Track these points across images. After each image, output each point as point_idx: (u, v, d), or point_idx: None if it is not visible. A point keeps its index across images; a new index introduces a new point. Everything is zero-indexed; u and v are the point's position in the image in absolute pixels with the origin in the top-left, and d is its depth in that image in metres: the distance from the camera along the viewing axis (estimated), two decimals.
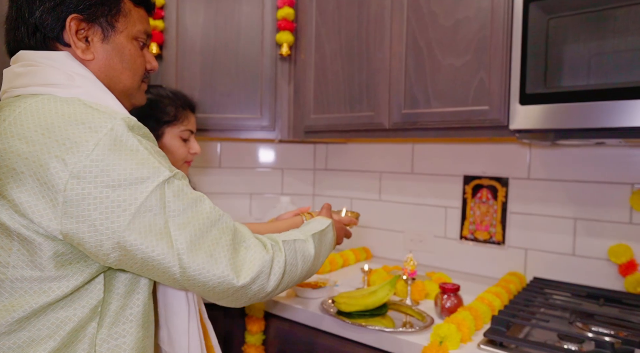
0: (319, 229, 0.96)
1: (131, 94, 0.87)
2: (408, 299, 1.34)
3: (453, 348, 1.04)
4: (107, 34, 0.80)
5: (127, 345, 0.74)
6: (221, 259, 0.71)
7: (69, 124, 0.66)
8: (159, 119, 1.24)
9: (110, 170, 0.65)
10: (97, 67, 0.79)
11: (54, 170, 0.63)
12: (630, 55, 1.04)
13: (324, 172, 2.15)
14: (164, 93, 1.27)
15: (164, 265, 0.68)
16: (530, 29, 1.16)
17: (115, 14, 0.80)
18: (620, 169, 1.41)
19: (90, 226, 0.64)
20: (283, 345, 1.39)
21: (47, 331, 0.67)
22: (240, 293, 0.74)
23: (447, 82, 1.37)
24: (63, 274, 0.68)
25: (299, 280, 0.88)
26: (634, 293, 1.35)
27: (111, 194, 0.65)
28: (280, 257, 0.80)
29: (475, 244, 1.69)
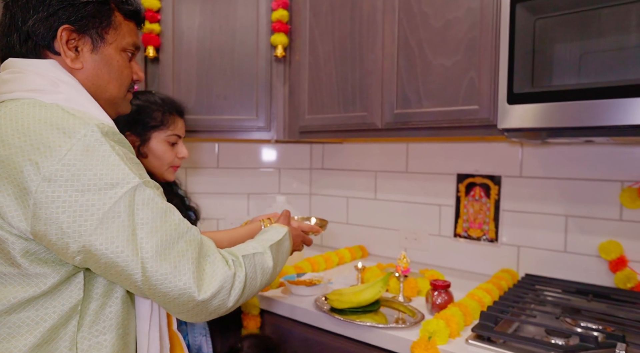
0: (276, 239, 0.96)
1: (117, 103, 0.89)
2: (400, 296, 1.36)
3: (441, 344, 1.06)
4: (97, 45, 0.83)
5: (108, 342, 0.76)
6: (185, 271, 0.71)
7: (44, 129, 0.68)
8: (146, 124, 1.27)
9: (81, 174, 0.67)
10: (85, 76, 0.82)
11: (27, 173, 0.66)
12: (616, 55, 1.06)
13: (321, 172, 2.17)
14: (152, 99, 1.30)
15: (127, 272, 0.69)
16: (517, 29, 1.18)
17: (105, 27, 0.83)
18: (610, 167, 1.42)
19: (57, 229, 0.66)
20: (278, 342, 1.41)
21: (26, 327, 0.70)
22: (201, 308, 0.75)
23: (438, 82, 1.39)
24: (40, 272, 0.70)
25: (257, 292, 0.89)
26: (623, 289, 1.37)
27: (80, 198, 0.66)
28: (241, 272, 0.80)
29: (469, 242, 1.71)
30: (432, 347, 1.05)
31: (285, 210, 1.15)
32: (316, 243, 2.18)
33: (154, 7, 1.71)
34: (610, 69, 1.06)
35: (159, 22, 1.73)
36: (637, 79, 1.02)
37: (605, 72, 1.07)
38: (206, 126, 1.76)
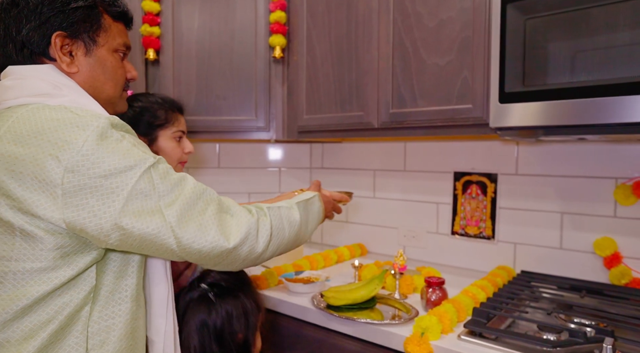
0: (304, 198, 1.04)
1: (114, 102, 0.93)
2: (396, 293, 1.38)
3: (434, 339, 1.08)
4: (90, 48, 0.87)
5: (117, 326, 0.80)
6: (210, 227, 0.78)
7: (58, 126, 0.72)
8: (152, 124, 1.29)
9: (100, 162, 0.71)
10: (82, 79, 0.86)
11: (50, 167, 0.70)
12: (606, 53, 1.07)
13: (320, 171, 2.19)
14: (152, 99, 1.33)
15: (160, 239, 0.75)
16: (508, 29, 1.19)
17: (96, 30, 0.87)
18: (604, 164, 1.43)
19: (89, 212, 0.71)
20: (277, 338, 1.44)
21: (47, 316, 0.74)
22: (233, 255, 0.82)
23: (432, 82, 1.41)
24: (60, 264, 0.74)
25: (289, 245, 0.95)
26: (617, 285, 1.38)
27: (104, 182, 0.71)
28: (265, 220, 0.88)
29: (466, 239, 1.72)
30: (425, 343, 1.07)
31: (315, 180, 1.21)
32: (316, 241, 2.21)
33: (154, 11, 1.74)
34: (601, 67, 1.07)
35: (159, 25, 1.76)
36: (627, 77, 1.03)
37: (596, 71, 1.08)
38: (206, 127, 1.79)
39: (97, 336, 0.78)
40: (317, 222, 1.07)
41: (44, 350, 0.73)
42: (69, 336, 0.76)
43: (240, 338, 1.04)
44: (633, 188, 1.36)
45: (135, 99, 1.32)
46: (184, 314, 1.04)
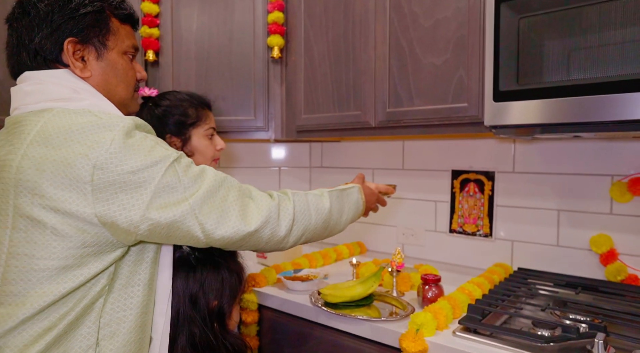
0: (339, 188, 1.07)
1: (127, 103, 0.96)
2: (394, 290, 1.39)
3: (429, 335, 1.09)
4: (101, 52, 0.89)
5: (127, 318, 0.83)
6: (231, 212, 0.83)
7: (86, 129, 0.76)
8: (184, 123, 1.28)
9: (127, 159, 0.75)
10: (95, 83, 0.89)
11: (80, 165, 0.73)
12: (600, 52, 1.08)
13: (320, 170, 2.21)
14: (181, 97, 1.31)
15: (186, 226, 0.79)
16: (502, 28, 1.20)
17: (105, 34, 0.89)
18: (600, 162, 1.44)
19: (119, 206, 0.74)
20: (275, 336, 1.46)
21: (66, 309, 0.77)
22: (255, 238, 0.86)
23: (428, 81, 1.42)
24: (85, 262, 0.77)
25: (317, 232, 0.98)
26: (612, 282, 1.39)
27: (132, 178, 0.75)
28: (288, 204, 0.92)
29: (464, 237, 1.73)
30: (420, 339, 1.08)
31: (359, 173, 1.23)
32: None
33: (153, 12, 1.75)
34: (594, 65, 1.08)
35: (158, 26, 1.78)
36: (621, 75, 1.04)
37: (590, 69, 1.09)
38: None
39: (108, 327, 0.81)
40: (354, 213, 1.10)
41: (59, 339, 0.76)
42: (82, 326, 0.79)
43: (214, 306, 1.03)
44: (629, 186, 1.37)
45: (162, 97, 1.31)
46: None
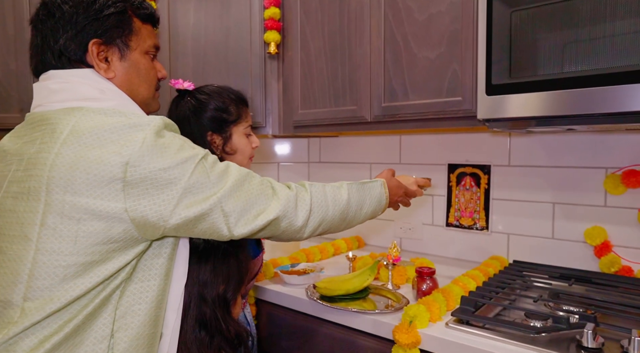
0: (361, 181, 1.08)
1: (148, 103, 0.97)
2: (389, 283, 1.41)
3: (422, 327, 1.11)
4: (124, 52, 0.90)
5: (141, 311, 0.84)
6: (254, 203, 0.86)
7: (118, 128, 0.77)
8: (226, 120, 1.24)
9: (158, 157, 0.77)
10: (119, 83, 0.90)
11: (113, 162, 0.75)
12: (590, 45, 1.08)
13: (318, 165, 2.22)
14: (221, 93, 1.26)
15: (212, 218, 0.81)
16: (494, 22, 1.21)
17: (128, 34, 0.90)
18: (594, 155, 1.45)
19: (149, 201, 0.76)
20: (273, 329, 1.47)
21: (86, 301, 0.79)
22: (273, 226, 0.89)
23: (422, 75, 1.43)
24: (110, 258, 0.79)
25: (335, 223, 1.00)
26: (605, 273, 1.40)
27: (163, 175, 0.77)
28: (305, 195, 0.94)
29: (461, 230, 1.75)
30: (413, 331, 1.09)
31: (389, 168, 1.22)
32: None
33: None
34: (586, 59, 1.09)
35: None
36: (612, 67, 1.04)
37: (582, 62, 1.09)
38: None
39: (123, 319, 0.82)
40: (376, 206, 1.10)
41: (77, 329, 0.78)
42: (99, 317, 0.80)
43: (221, 290, 1.03)
44: (622, 178, 1.37)
45: (201, 92, 1.25)
46: None
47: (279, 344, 1.45)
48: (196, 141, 1.15)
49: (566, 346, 0.99)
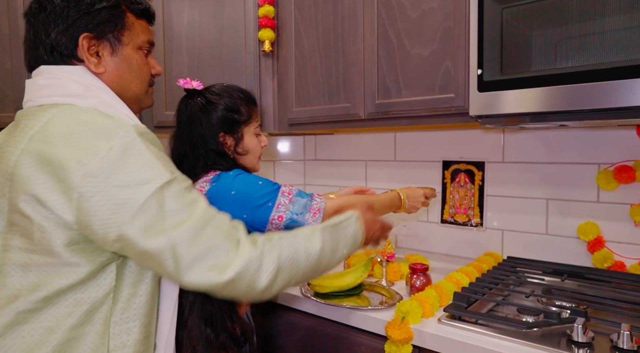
0: (333, 223, 0.96)
1: (140, 99, 0.96)
2: (383, 280, 1.41)
3: (414, 323, 1.11)
4: (115, 47, 0.89)
5: (137, 329, 0.83)
6: (209, 257, 0.75)
7: (87, 132, 0.75)
8: (237, 121, 1.22)
9: (119, 172, 0.73)
10: (109, 79, 0.89)
11: (73, 169, 0.72)
12: (580, 41, 1.08)
13: (314, 163, 2.22)
14: (232, 93, 1.24)
15: (160, 258, 0.74)
16: (485, 18, 1.21)
17: (120, 29, 0.89)
18: (587, 151, 1.45)
19: (99, 219, 0.73)
20: (268, 326, 1.48)
21: (66, 310, 0.77)
22: (230, 289, 0.77)
23: (415, 72, 1.43)
24: (77, 261, 0.77)
25: (308, 274, 0.89)
26: (597, 269, 1.40)
27: (119, 193, 0.73)
28: (272, 253, 0.81)
29: (456, 227, 1.75)
30: (405, 327, 1.10)
31: (362, 198, 1.09)
32: None
33: None
34: (577, 55, 1.09)
35: None
36: (601, 63, 1.05)
37: (572, 59, 1.10)
38: None
39: (118, 338, 0.81)
40: (351, 247, 0.98)
41: (67, 344, 0.76)
42: (90, 334, 0.78)
43: None
44: (614, 174, 1.38)
45: (211, 92, 1.23)
46: None
47: (274, 342, 1.45)
48: (208, 142, 1.18)
49: (557, 341, 0.99)
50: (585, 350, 0.95)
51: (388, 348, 1.11)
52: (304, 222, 1.11)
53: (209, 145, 1.18)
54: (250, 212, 1.09)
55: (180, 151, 1.20)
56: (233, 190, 1.11)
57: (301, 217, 1.11)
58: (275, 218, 1.10)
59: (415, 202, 1.38)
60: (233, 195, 1.10)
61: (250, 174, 1.18)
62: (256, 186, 1.12)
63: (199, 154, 1.18)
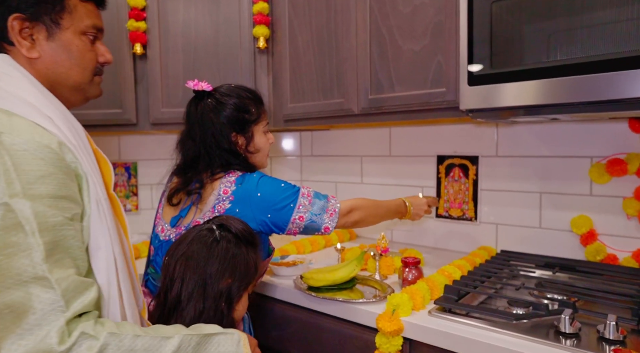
0: (205, 332, 0.80)
1: (83, 88, 0.88)
2: (377, 274, 1.42)
3: (404, 315, 1.12)
4: (52, 31, 0.81)
5: None
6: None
7: None
8: (248, 120, 1.25)
9: None
10: (44, 65, 0.82)
11: None
12: (568, 35, 1.09)
13: (310, 159, 2.23)
14: (240, 93, 1.27)
15: None
16: (475, 13, 1.21)
17: (59, 11, 0.81)
18: (579, 144, 1.46)
19: None
20: (263, 319, 1.49)
21: None
22: None
23: (408, 67, 1.44)
24: None
25: None
26: (589, 261, 1.41)
27: None
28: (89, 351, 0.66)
29: (450, 221, 1.76)
30: (396, 319, 1.11)
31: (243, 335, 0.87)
32: None
33: (139, 6, 1.78)
34: (566, 48, 1.09)
35: (145, 19, 1.80)
36: (588, 56, 1.05)
37: (562, 52, 1.10)
38: None
39: None
40: None
41: None
42: None
43: (227, 284, 0.98)
44: (607, 167, 1.38)
45: (220, 92, 1.26)
46: (190, 243, 1.00)
47: (269, 334, 1.47)
48: (221, 142, 1.21)
49: (545, 332, 1.00)
50: (572, 341, 0.95)
51: (379, 340, 1.12)
52: (321, 222, 1.21)
53: (222, 145, 1.22)
54: (274, 213, 1.17)
55: (195, 151, 1.23)
56: (259, 192, 1.18)
57: (319, 218, 1.21)
58: (297, 218, 1.18)
59: (418, 210, 1.47)
60: (259, 197, 1.17)
61: (271, 177, 1.24)
62: (279, 189, 1.20)
63: (214, 154, 1.21)
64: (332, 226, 1.23)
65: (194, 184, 1.22)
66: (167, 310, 0.97)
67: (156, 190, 2.17)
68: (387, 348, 1.11)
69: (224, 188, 1.18)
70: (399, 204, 1.42)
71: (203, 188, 1.20)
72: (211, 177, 1.21)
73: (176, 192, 1.24)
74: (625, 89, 1.02)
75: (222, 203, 1.17)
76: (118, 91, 1.81)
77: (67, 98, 0.86)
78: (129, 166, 2.14)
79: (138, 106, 1.85)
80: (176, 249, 1.01)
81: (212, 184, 1.20)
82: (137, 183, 2.16)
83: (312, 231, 1.22)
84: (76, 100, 0.88)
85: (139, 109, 1.85)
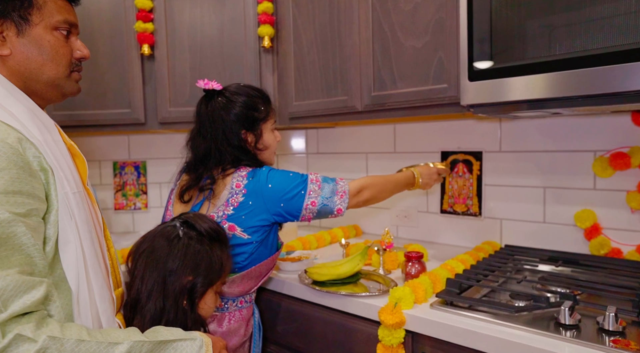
0: (161, 339, 0.77)
1: (59, 84, 0.88)
2: (381, 269, 1.44)
3: (407, 308, 1.14)
4: (22, 27, 0.81)
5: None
6: None
7: None
8: (257, 118, 1.29)
9: None
10: (16, 62, 0.82)
11: None
12: (568, 29, 1.09)
13: (316, 156, 2.25)
14: (250, 92, 1.30)
15: None
16: (474, 8, 1.22)
17: (27, 8, 0.81)
18: (582, 138, 1.46)
19: None
20: (270, 314, 1.52)
21: None
22: None
23: (410, 63, 1.45)
24: None
25: None
26: (592, 255, 1.41)
27: None
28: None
29: (455, 217, 1.77)
30: (398, 312, 1.13)
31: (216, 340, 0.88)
32: (314, 224, 2.28)
33: (147, 7, 1.81)
34: (565, 43, 1.10)
35: (152, 21, 1.83)
36: (584, 50, 1.06)
37: (560, 46, 1.11)
38: None
39: None
40: None
41: None
42: None
43: (188, 281, 0.96)
44: (610, 161, 1.38)
45: (230, 91, 1.30)
46: (153, 239, 1.00)
47: (275, 329, 1.49)
48: (231, 139, 1.25)
49: (546, 324, 1.01)
50: (572, 332, 0.96)
51: (381, 332, 1.14)
52: (333, 205, 1.25)
53: (232, 142, 1.26)
54: (286, 202, 1.22)
55: (206, 147, 1.27)
56: (269, 184, 1.22)
57: (330, 201, 1.25)
58: (309, 204, 1.23)
59: (428, 179, 1.49)
60: (270, 188, 1.21)
61: (279, 169, 1.27)
62: (288, 178, 1.24)
63: (225, 151, 1.25)
64: (344, 207, 1.27)
65: (205, 180, 1.25)
66: (129, 306, 0.95)
67: (165, 188, 2.21)
68: (389, 340, 1.13)
69: (236, 182, 1.22)
70: (408, 176, 1.45)
71: (215, 184, 1.24)
72: (222, 173, 1.25)
73: (188, 189, 1.28)
74: (628, 81, 1.02)
75: (235, 196, 1.21)
76: (126, 91, 1.85)
77: (43, 94, 0.87)
78: (138, 165, 2.18)
79: (146, 106, 1.89)
80: (140, 244, 1.00)
81: (224, 180, 1.24)
82: (146, 182, 2.20)
83: (326, 214, 1.26)
84: (53, 97, 0.88)
85: (147, 109, 1.89)
